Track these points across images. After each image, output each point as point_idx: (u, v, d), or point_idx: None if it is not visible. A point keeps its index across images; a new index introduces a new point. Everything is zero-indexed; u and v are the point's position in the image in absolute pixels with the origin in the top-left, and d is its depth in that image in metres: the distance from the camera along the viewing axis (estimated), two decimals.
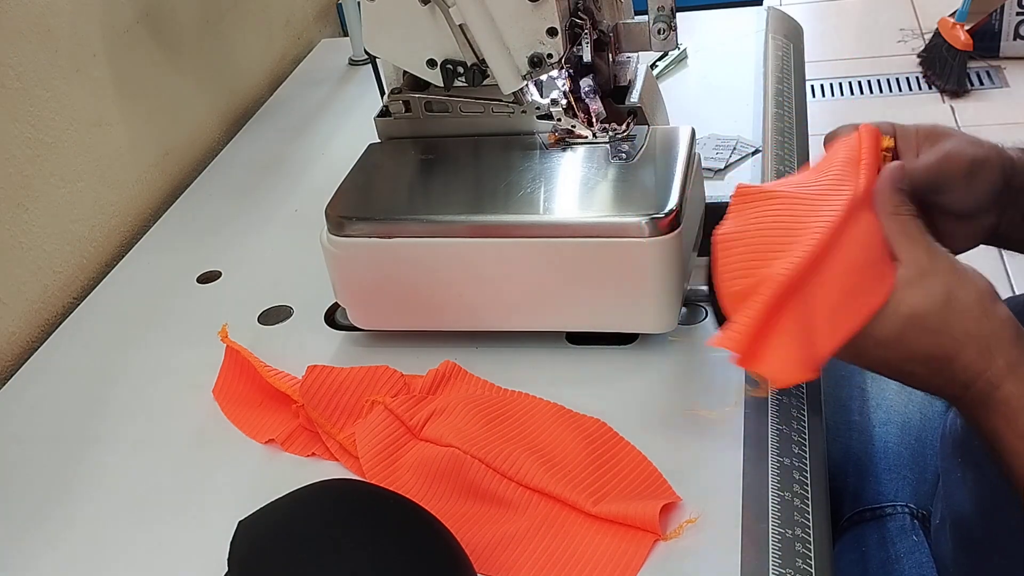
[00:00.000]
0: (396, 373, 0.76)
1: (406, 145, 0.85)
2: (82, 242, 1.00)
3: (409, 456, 0.69)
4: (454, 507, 0.66)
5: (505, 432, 0.69)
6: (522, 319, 0.77)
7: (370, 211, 0.77)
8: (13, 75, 0.90)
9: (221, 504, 0.69)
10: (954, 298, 0.54)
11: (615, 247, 0.70)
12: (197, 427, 0.77)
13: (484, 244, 0.73)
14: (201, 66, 1.22)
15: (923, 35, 2.70)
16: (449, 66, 0.79)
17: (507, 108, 0.81)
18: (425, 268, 0.75)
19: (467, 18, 0.74)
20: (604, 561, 0.60)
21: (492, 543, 0.63)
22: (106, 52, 1.03)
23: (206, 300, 0.92)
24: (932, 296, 0.54)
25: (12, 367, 0.88)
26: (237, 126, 1.26)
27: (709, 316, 0.78)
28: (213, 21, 1.25)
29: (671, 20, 0.76)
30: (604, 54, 0.82)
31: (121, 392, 0.82)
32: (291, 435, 0.73)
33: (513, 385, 0.75)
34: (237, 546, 0.55)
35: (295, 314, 0.88)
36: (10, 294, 0.90)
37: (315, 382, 0.73)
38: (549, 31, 0.74)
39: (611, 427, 0.69)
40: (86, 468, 0.75)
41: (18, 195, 0.91)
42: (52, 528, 0.70)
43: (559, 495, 0.64)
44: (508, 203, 0.74)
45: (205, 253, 0.99)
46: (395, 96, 0.84)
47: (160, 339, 0.88)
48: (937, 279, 0.54)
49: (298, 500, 0.58)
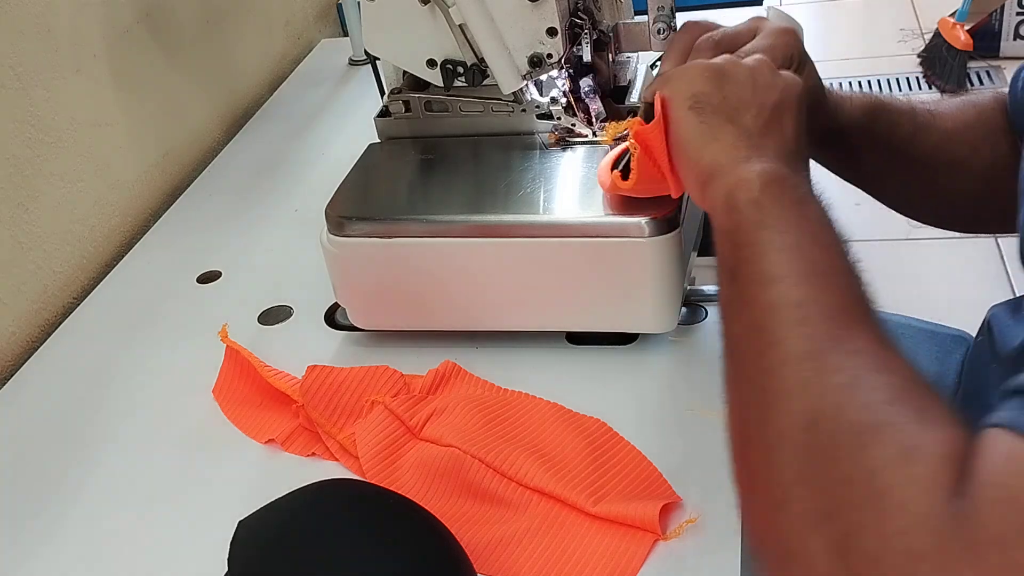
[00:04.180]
0: (396, 373, 0.76)
1: (406, 145, 0.85)
2: (82, 242, 1.00)
3: (409, 456, 0.69)
4: (454, 507, 0.66)
5: (505, 432, 0.69)
6: (522, 319, 0.77)
7: (370, 211, 0.77)
8: (13, 75, 0.90)
9: (221, 504, 0.69)
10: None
11: (615, 247, 0.70)
12: (197, 427, 0.77)
13: (484, 244, 0.73)
14: (201, 66, 1.22)
15: (923, 35, 2.70)
16: (449, 66, 0.79)
17: (507, 108, 0.81)
18: (425, 268, 0.75)
19: (467, 18, 0.74)
20: (604, 561, 0.60)
21: (492, 543, 0.63)
22: (106, 52, 1.03)
23: (206, 300, 0.92)
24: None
25: (12, 367, 0.88)
26: (237, 126, 1.26)
27: (709, 316, 0.78)
28: (213, 21, 1.25)
29: (671, 20, 0.76)
30: (604, 54, 0.82)
31: (121, 392, 0.82)
32: (291, 435, 0.73)
33: (513, 385, 0.75)
34: (237, 546, 0.55)
35: (295, 314, 0.88)
36: (10, 294, 0.90)
37: (315, 382, 0.73)
38: (549, 31, 0.74)
39: (611, 427, 0.69)
40: (86, 468, 0.75)
41: (18, 195, 0.91)
42: (52, 527, 0.70)
43: (559, 495, 0.64)
44: (508, 203, 0.74)
45: (205, 253, 0.99)
46: (395, 96, 0.84)
47: (160, 339, 0.88)
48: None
49: (298, 500, 0.58)
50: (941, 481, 0.40)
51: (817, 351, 0.47)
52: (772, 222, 0.53)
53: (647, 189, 0.67)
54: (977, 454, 0.40)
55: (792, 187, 0.55)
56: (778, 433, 0.46)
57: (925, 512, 0.39)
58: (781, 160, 0.57)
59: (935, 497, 0.39)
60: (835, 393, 0.45)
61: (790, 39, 0.69)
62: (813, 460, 0.44)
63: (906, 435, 0.42)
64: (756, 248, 0.52)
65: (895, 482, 0.40)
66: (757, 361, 0.49)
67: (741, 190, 0.55)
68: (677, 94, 0.61)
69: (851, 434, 0.43)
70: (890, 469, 0.41)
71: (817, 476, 0.43)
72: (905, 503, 0.40)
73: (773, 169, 0.55)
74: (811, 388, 0.46)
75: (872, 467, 0.41)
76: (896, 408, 0.43)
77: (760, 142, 0.58)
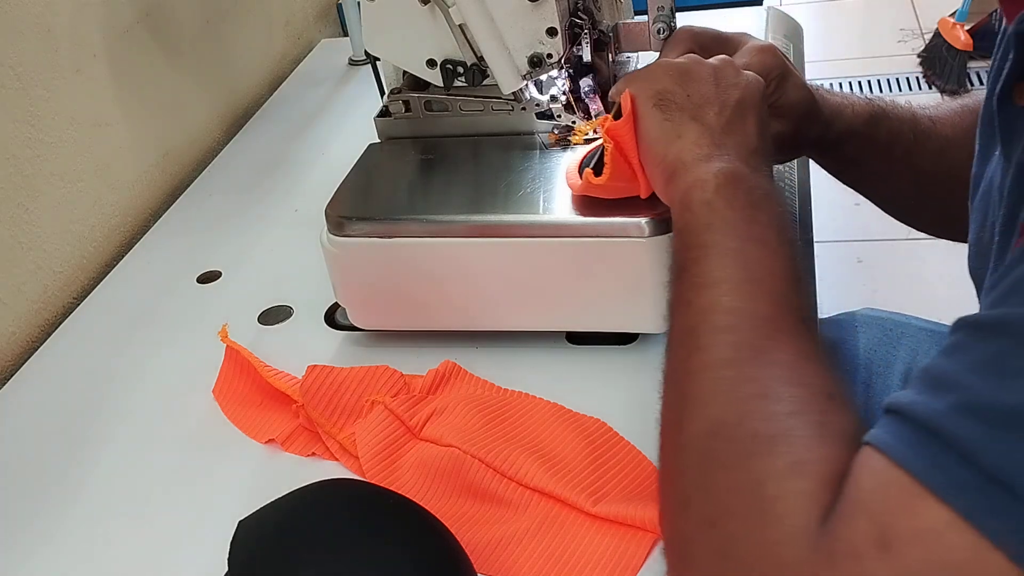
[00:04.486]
0: (396, 373, 0.76)
1: (406, 145, 0.85)
2: (82, 242, 1.00)
3: (409, 456, 0.69)
4: (454, 507, 0.66)
5: (505, 432, 0.69)
6: (522, 319, 0.77)
7: (370, 211, 0.77)
8: (13, 75, 0.90)
9: (221, 504, 0.69)
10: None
11: (615, 247, 0.70)
12: (197, 427, 0.77)
13: (484, 244, 0.73)
14: (201, 66, 1.22)
15: (923, 35, 2.70)
16: (449, 66, 0.79)
17: (507, 107, 0.81)
18: (425, 268, 0.75)
19: (467, 18, 0.74)
20: (604, 561, 0.60)
21: (492, 543, 0.63)
22: (106, 52, 1.03)
23: (206, 300, 0.92)
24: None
25: (12, 367, 0.88)
26: (237, 126, 1.26)
27: None
28: (213, 21, 1.25)
29: (671, 20, 0.76)
30: (604, 54, 0.82)
31: (121, 392, 0.82)
32: (291, 435, 0.73)
33: (513, 385, 0.75)
34: (237, 546, 0.55)
35: (295, 314, 0.88)
36: (10, 294, 0.90)
37: (315, 382, 0.73)
38: (549, 31, 0.74)
39: (611, 427, 0.69)
40: (86, 468, 0.75)
41: (18, 195, 0.91)
42: (52, 527, 0.70)
43: (559, 495, 0.64)
44: (508, 203, 0.74)
45: (205, 253, 0.99)
46: (395, 96, 0.84)
47: (160, 339, 0.88)
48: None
49: (298, 500, 0.58)
50: (820, 498, 0.40)
51: (737, 360, 0.48)
52: (720, 224, 0.54)
53: (618, 188, 0.68)
54: (851, 472, 0.40)
55: (747, 188, 0.55)
56: (687, 438, 0.47)
57: (801, 527, 0.40)
58: (742, 158, 0.58)
59: (811, 513, 0.40)
60: (743, 403, 0.46)
61: (766, 58, 0.70)
62: (710, 467, 0.45)
63: (798, 450, 0.42)
64: (702, 250, 0.53)
65: (778, 495, 0.41)
66: (683, 364, 0.50)
67: (697, 189, 0.56)
68: (642, 92, 0.62)
69: (747, 444, 0.44)
70: (776, 482, 0.42)
71: (711, 483, 0.44)
72: (783, 517, 0.40)
73: (731, 169, 0.56)
74: (722, 396, 0.46)
75: (760, 478, 0.42)
76: (796, 421, 0.44)
77: (722, 139, 0.58)
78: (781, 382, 0.46)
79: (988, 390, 0.37)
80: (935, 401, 0.39)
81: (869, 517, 0.38)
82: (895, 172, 0.78)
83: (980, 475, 0.36)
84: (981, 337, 0.39)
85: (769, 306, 0.50)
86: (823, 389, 0.46)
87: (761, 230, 0.53)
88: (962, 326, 0.41)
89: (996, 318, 0.39)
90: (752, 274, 0.51)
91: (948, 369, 0.39)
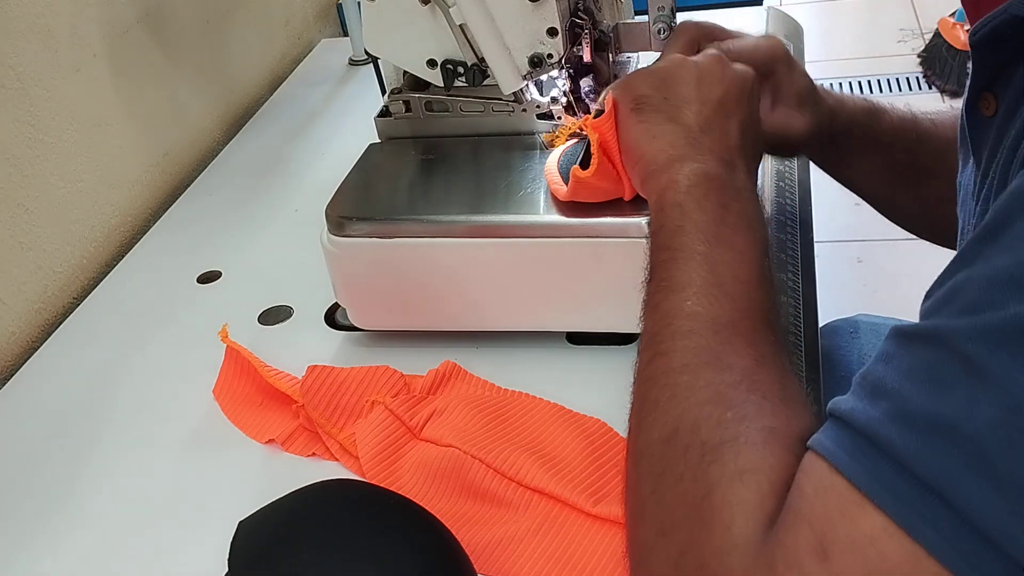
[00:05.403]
0: (396, 373, 0.76)
1: (406, 145, 0.85)
2: (82, 242, 1.00)
3: (409, 456, 0.69)
4: (454, 507, 0.66)
5: (505, 432, 0.69)
6: (522, 319, 0.77)
7: (370, 211, 0.77)
8: (13, 75, 0.90)
9: (221, 504, 0.69)
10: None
11: (615, 247, 0.70)
12: (197, 427, 0.77)
13: (484, 244, 0.73)
14: (201, 66, 1.22)
15: (923, 35, 2.70)
16: (449, 66, 0.79)
17: (507, 108, 0.81)
18: (425, 268, 0.75)
19: (467, 18, 0.74)
20: (604, 561, 0.60)
21: (492, 543, 0.63)
22: (106, 52, 1.03)
23: (206, 300, 0.92)
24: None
25: (12, 367, 0.88)
26: (237, 126, 1.26)
27: None
28: (213, 21, 1.25)
29: (671, 20, 0.76)
30: (604, 54, 0.82)
31: (121, 392, 0.82)
32: (291, 435, 0.73)
33: (513, 385, 0.75)
34: (237, 546, 0.55)
35: (295, 314, 0.88)
36: (10, 294, 0.90)
37: (315, 382, 0.73)
38: (549, 31, 0.74)
39: (611, 427, 0.69)
40: (86, 468, 0.75)
41: (18, 195, 0.91)
42: (52, 528, 0.70)
43: (559, 495, 0.64)
44: (508, 203, 0.74)
45: (205, 253, 0.99)
46: (395, 96, 0.84)
47: (160, 339, 0.88)
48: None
49: (298, 500, 0.58)
50: (765, 506, 0.41)
51: (695, 365, 0.48)
52: (690, 227, 0.54)
53: (603, 190, 0.68)
54: (796, 478, 0.40)
55: (719, 189, 0.55)
56: (645, 443, 0.47)
57: (746, 535, 0.40)
58: (720, 156, 0.58)
59: (756, 521, 0.40)
60: (696, 409, 0.46)
61: (772, 42, 0.70)
62: (663, 475, 0.45)
63: (745, 457, 0.43)
64: (671, 253, 0.54)
65: (725, 503, 0.41)
66: (646, 368, 0.50)
67: (669, 191, 0.56)
68: (623, 97, 0.63)
69: (698, 451, 0.44)
70: (723, 489, 0.42)
71: (665, 491, 0.44)
72: (729, 525, 0.41)
73: (703, 170, 0.56)
74: (677, 402, 0.47)
75: (709, 486, 0.42)
76: (745, 427, 0.44)
77: (699, 138, 0.58)
78: (735, 387, 0.46)
79: (923, 399, 0.37)
80: (872, 408, 0.39)
81: (809, 524, 0.38)
82: (896, 172, 0.77)
83: (915, 484, 0.36)
84: (916, 347, 0.39)
85: (730, 311, 0.50)
86: (778, 394, 0.46)
87: (729, 232, 0.54)
88: (897, 334, 0.41)
89: (930, 329, 0.39)
90: (717, 278, 0.51)
91: (884, 376, 0.39)
